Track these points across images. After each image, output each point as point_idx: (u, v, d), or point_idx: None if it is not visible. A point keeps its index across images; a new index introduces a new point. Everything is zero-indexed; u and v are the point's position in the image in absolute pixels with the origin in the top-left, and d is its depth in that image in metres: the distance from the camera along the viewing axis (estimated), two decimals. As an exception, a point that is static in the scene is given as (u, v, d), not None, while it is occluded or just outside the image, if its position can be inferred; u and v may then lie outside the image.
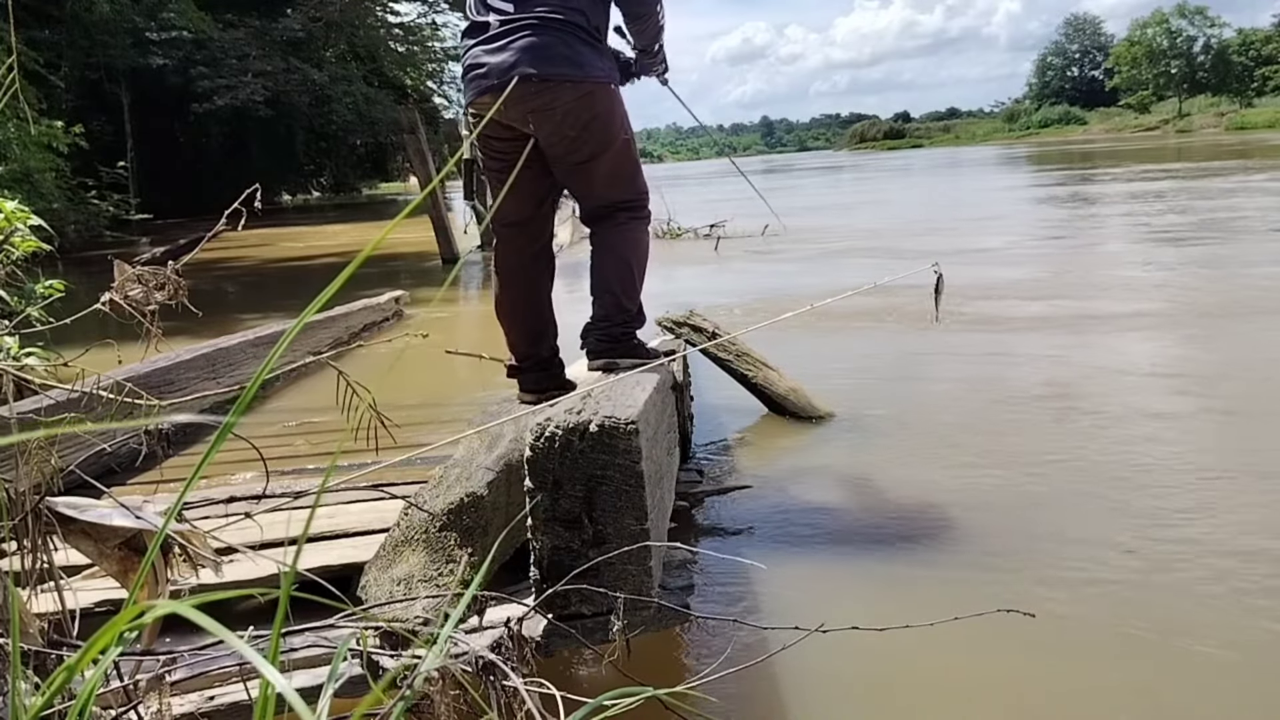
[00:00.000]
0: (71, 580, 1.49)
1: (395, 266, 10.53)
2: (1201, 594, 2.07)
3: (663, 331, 3.64)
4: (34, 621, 1.16)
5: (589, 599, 1.53)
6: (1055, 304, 5.76)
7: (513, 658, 1.26)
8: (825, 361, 4.62)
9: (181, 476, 2.69)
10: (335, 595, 1.08)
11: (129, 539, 1.26)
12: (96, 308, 1.60)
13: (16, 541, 1.19)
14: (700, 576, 2.26)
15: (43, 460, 1.23)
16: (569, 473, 1.54)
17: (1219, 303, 5.46)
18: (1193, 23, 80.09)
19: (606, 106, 2.42)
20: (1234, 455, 2.99)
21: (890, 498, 2.77)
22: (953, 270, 2.90)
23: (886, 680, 1.82)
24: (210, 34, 24.49)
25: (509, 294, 2.62)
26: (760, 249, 10.09)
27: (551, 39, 2.32)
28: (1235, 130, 54.77)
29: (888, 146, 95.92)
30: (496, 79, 2.32)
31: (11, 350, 2.02)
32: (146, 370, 3.32)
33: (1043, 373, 4.18)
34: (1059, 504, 2.64)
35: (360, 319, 5.96)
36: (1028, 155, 41.18)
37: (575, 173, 2.52)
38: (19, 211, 2.65)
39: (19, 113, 9.78)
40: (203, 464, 0.66)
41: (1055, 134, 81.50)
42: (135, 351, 1.73)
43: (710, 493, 2.86)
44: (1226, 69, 76.54)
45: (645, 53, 2.70)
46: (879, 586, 2.25)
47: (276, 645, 0.55)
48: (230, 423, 0.56)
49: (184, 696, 1.41)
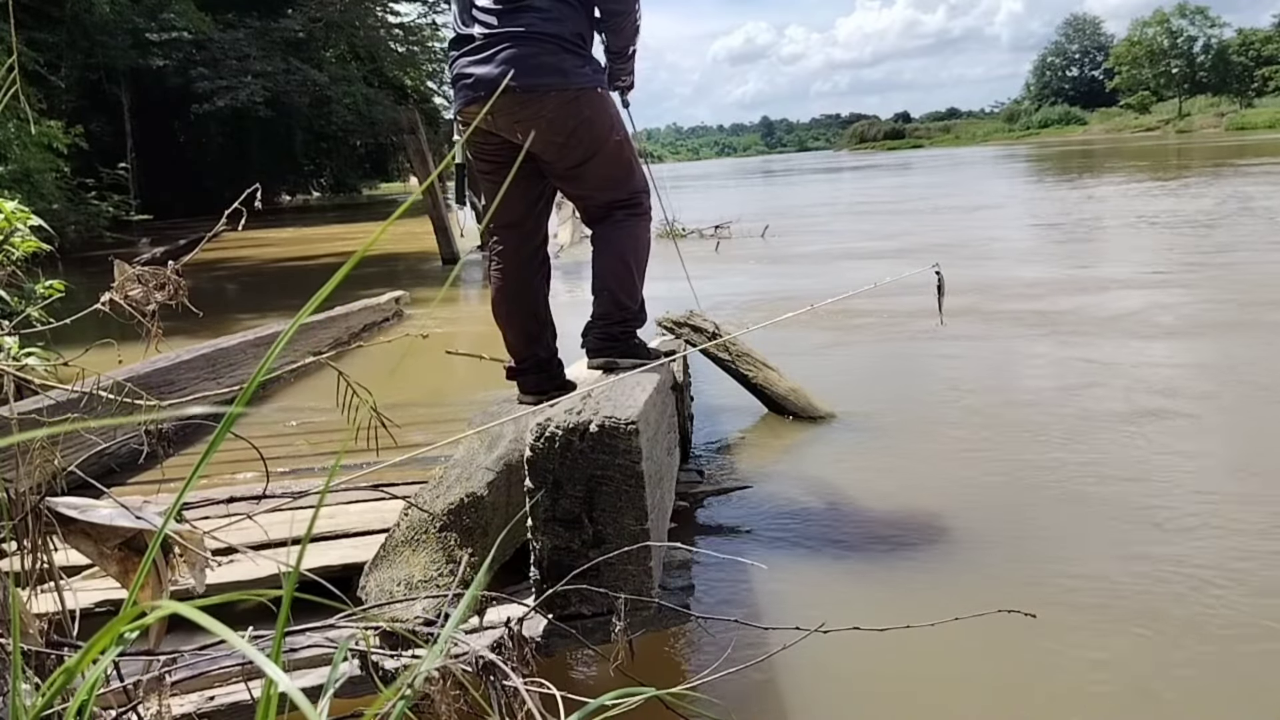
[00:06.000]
0: (71, 580, 1.49)
1: (395, 266, 10.53)
2: (1202, 594, 2.07)
3: (663, 331, 3.64)
4: (34, 622, 1.16)
5: (589, 599, 1.53)
6: (1056, 304, 5.76)
7: (513, 658, 1.26)
8: (826, 362, 4.62)
9: (181, 477, 2.69)
10: (336, 595, 1.08)
11: (129, 539, 1.26)
12: (96, 308, 1.60)
13: (16, 541, 1.19)
14: (700, 576, 2.26)
15: (43, 460, 1.23)
16: (569, 473, 1.54)
17: (1227, 305, 5.46)
18: (1193, 23, 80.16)
19: (593, 110, 2.44)
20: (1235, 456, 3.00)
21: (891, 498, 2.76)
22: (954, 270, 2.90)
23: (887, 680, 1.82)
24: (210, 34, 24.47)
25: (505, 295, 2.63)
26: (761, 249, 10.09)
27: (534, 49, 2.36)
28: (1235, 130, 54.76)
29: (888, 147, 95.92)
30: (483, 90, 2.38)
31: (12, 350, 2.02)
32: (147, 370, 3.32)
33: (1044, 373, 4.18)
34: (1059, 505, 2.64)
35: (360, 319, 5.96)
36: (1028, 156, 41.14)
37: (568, 178, 2.55)
38: (19, 212, 2.65)
39: (19, 113, 9.78)
40: (202, 462, 0.66)
41: (1055, 134, 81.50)
42: (135, 351, 1.73)
43: (710, 493, 2.86)
44: (1227, 69, 76.55)
45: (619, 56, 2.70)
46: (879, 586, 2.25)
47: (279, 645, 0.55)
48: (232, 414, 0.56)
49: (184, 697, 1.41)
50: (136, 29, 23.07)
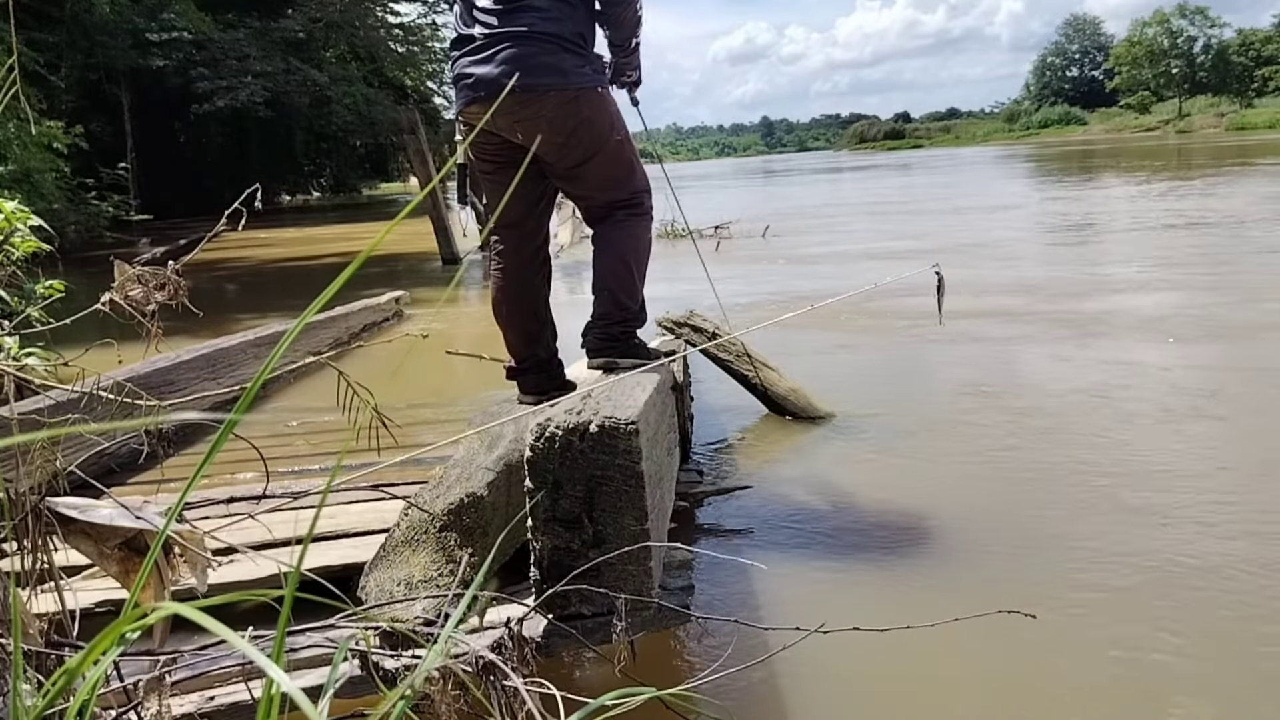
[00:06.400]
0: (71, 580, 1.49)
1: (395, 267, 10.53)
2: (1202, 595, 2.07)
3: (663, 331, 3.64)
4: (34, 622, 1.16)
5: (589, 599, 1.53)
6: (1057, 304, 5.76)
7: (513, 658, 1.26)
8: (826, 362, 4.62)
9: (181, 476, 2.69)
10: (336, 595, 1.08)
11: (129, 539, 1.26)
12: (96, 308, 1.60)
13: (16, 541, 1.19)
14: (700, 576, 2.26)
15: (44, 461, 1.23)
16: (569, 473, 1.54)
17: (1230, 307, 5.45)
18: (1193, 23, 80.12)
19: (593, 110, 2.44)
20: (1236, 456, 2.99)
21: (890, 498, 2.76)
22: (954, 271, 2.90)
23: (887, 680, 1.82)
24: (210, 35, 24.47)
25: (505, 295, 2.63)
26: (761, 250, 10.08)
27: (534, 49, 2.36)
28: (1235, 130, 54.74)
29: (888, 147, 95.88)
30: (484, 90, 2.39)
31: (12, 350, 2.02)
32: (147, 370, 3.32)
33: (1044, 373, 4.18)
34: (1060, 505, 2.64)
35: (360, 319, 5.96)
36: (1033, 156, 41.06)
37: (569, 178, 2.56)
38: (19, 212, 2.65)
39: (19, 113, 9.78)
40: (204, 463, 0.66)
41: (1055, 134, 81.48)
42: (135, 352, 1.73)
43: (710, 493, 2.86)
44: (1227, 69, 76.52)
45: (621, 49, 2.68)
46: (879, 587, 2.24)
47: (281, 645, 0.55)
48: (234, 420, 0.56)
49: (184, 697, 1.41)
50: (136, 29, 23.07)
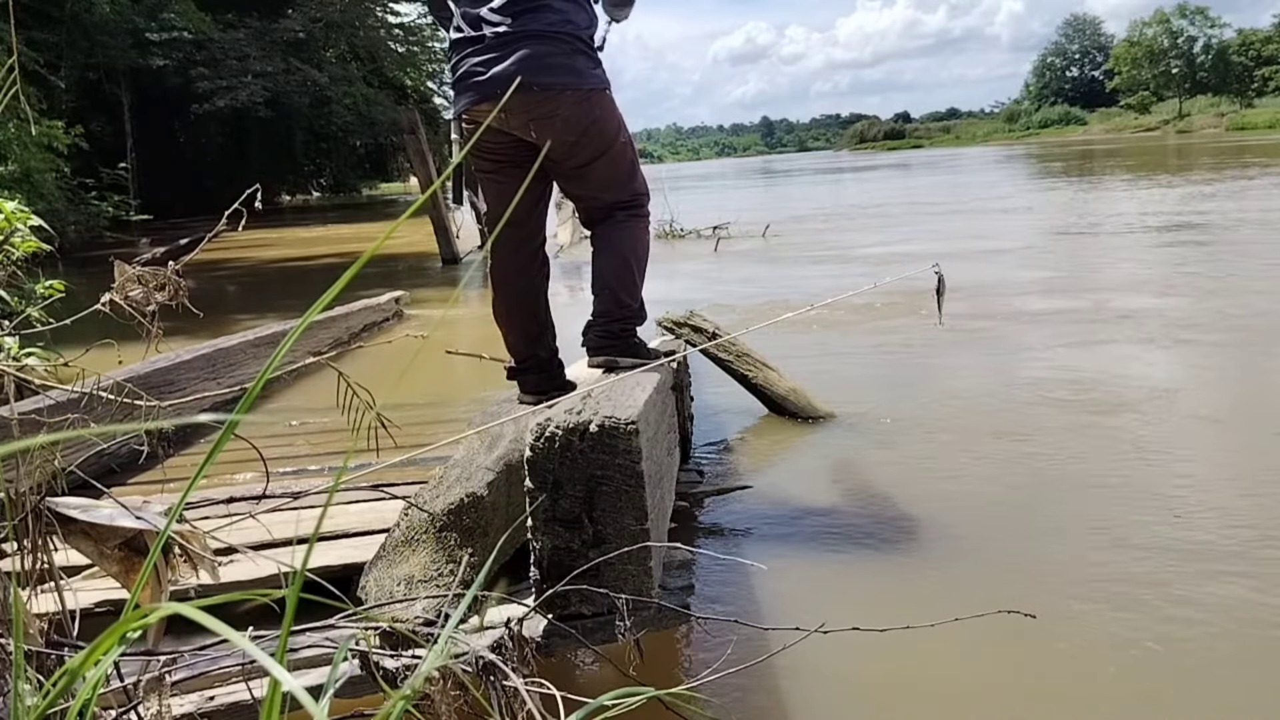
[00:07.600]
0: (72, 580, 1.49)
1: (395, 267, 10.53)
2: (1202, 595, 2.07)
3: (663, 332, 3.64)
4: (34, 622, 1.16)
5: (589, 599, 1.53)
6: (1058, 304, 5.76)
7: (513, 658, 1.26)
8: (825, 362, 4.62)
9: (182, 477, 2.69)
10: (336, 595, 1.08)
11: (129, 539, 1.26)
12: (97, 308, 1.60)
13: (17, 541, 1.19)
14: (700, 576, 2.26)
15: (44, 461, 1.24)
16: (569, 473, 1.54)
17: (1234, 307, 5.45)
18: (1193, 23, 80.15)
19: (603, 111, 2.48)
20: (1237, 457, 2.99)
21: (890, 498, 2.76)
22: (955, 271, 2.90)
23: (887, 681, 1.82)
24: (210, 35, 24.47)
25: (505, 295, 2.63)
26: (761, 250, 10.08)
27: (550, 49, 2.37)
28: (1235, 130, 54.73)
29: (888, 147, 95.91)
30: (499, 88, 2.37)
31: (12, 350, 2.02)
32: (147, 370, 3.32)
33: (1045, 373, 4.18)
34: (1060, 505, 2.64)
35: (360, 319, 5.96)
36: (1035, 156, 41.00)
37: (573, 177, 2.57)
38: (19, 212, 2.65)
39: (19, 113, 9.78)
40: (205, 464, 0.67)
41: (1055, 134, 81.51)
42: (135, 352, 1.73)
43: (710, 493, 2.86)
44: (1227, 69, 76.52)
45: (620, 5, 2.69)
46: (879, 587, 2.25)
47: (284, 645, 0.55)
48: (234, 420, 0.56)
49: (184, 697, 1.41)
50: (136, 29, 23.06)
